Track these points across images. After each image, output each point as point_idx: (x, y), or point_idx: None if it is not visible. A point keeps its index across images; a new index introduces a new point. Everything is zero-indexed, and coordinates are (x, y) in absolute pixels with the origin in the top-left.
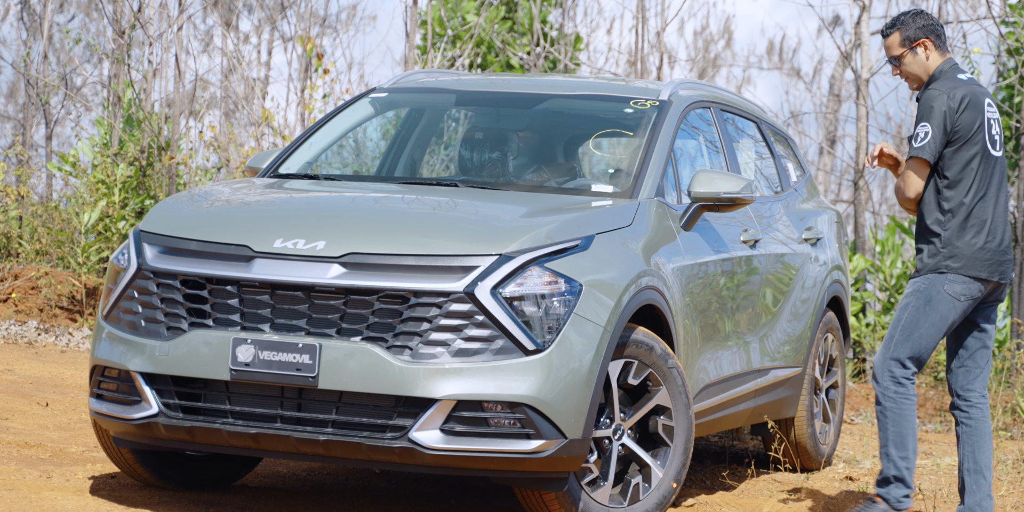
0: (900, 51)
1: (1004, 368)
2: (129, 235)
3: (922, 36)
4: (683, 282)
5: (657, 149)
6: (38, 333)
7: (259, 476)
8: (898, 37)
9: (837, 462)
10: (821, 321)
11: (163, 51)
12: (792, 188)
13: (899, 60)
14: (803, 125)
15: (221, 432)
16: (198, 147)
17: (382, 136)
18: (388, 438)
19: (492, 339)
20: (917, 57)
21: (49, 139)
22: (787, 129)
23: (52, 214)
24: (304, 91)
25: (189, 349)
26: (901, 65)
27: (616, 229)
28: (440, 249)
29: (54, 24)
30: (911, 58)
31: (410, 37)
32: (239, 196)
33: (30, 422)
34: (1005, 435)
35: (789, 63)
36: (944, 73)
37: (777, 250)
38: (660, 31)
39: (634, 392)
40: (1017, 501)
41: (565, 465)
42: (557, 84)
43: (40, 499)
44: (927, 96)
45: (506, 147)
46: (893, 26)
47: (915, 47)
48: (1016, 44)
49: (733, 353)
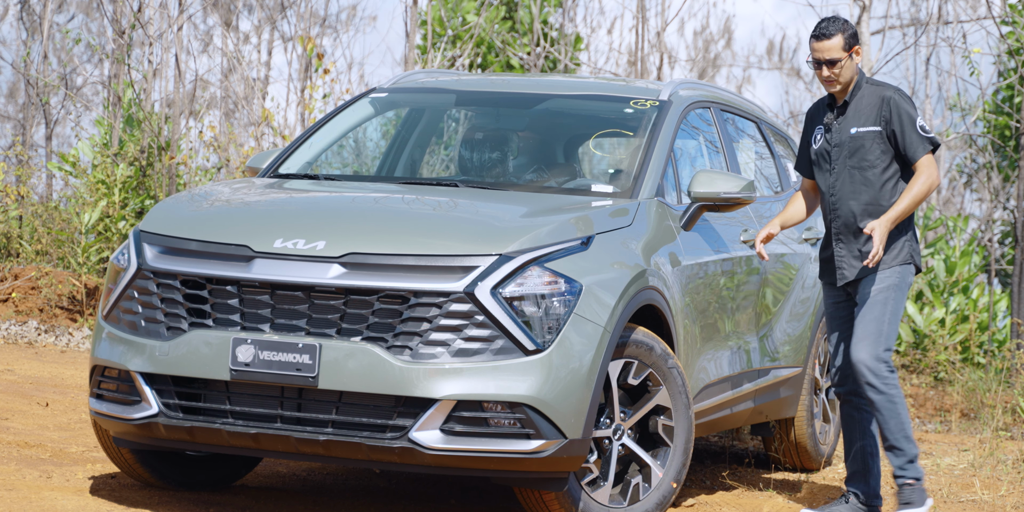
0: (842, 55)
1: (1004, 368)
2: (129, 235)
3: (856, 43)
4: (683, 282)
5: (657, 149)
6: (38, 333)
7: (259, 476)
8: (840, 41)
9: (837, 462)
10: (821, 321)
11: (163, 51)
12: (792, 188)
13: (835, 63)
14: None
15: (221, 432)
16: (198, 147)
17: (382, 136)
18: (388, 438)
19: (492, 339)
20: (852, 61)
21: (49, 139)
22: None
23: (52, 214)
24: (304, 91)
25: (189, 349)
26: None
27: (616, 229)
28: (440, 249)
29: (54, 24)
30: (849, 62)
31: (410, 37)
32: (239, 196)
33: (30, 422)
34: (1005, 435)
35: (789, 63)
36: (865, 76)
37: (777, 250)
38: (660, 31)
39: (634, 392)
40: (1017, 501)
41: (565, 465)
42: (557, 84)
43: (40, 499)
44: (899, 95)
45: (506, 147)
46: (834, 30)
47: (852, 53)
48: (1016, 44)
49: (733, 353)
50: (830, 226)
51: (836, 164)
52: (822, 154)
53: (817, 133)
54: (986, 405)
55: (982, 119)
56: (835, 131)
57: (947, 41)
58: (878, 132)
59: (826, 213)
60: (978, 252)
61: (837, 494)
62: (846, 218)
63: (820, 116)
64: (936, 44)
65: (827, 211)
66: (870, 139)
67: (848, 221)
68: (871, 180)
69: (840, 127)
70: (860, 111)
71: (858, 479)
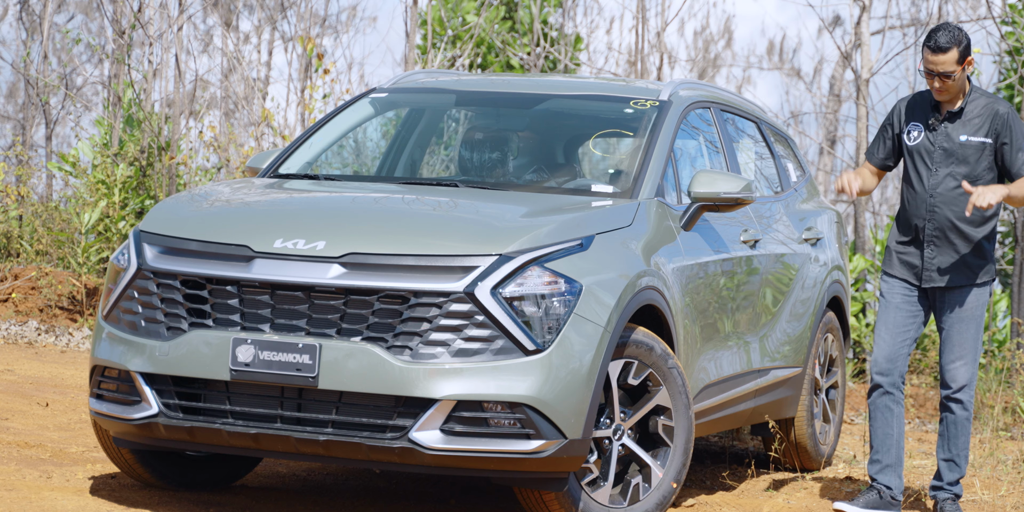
0: (955, 68)
1: (1004, 368)
2: (129, 235)
3: (969, 54)
4: (683, 282)
5: (657, 149)
6: (38, 333)
7: (259, 476)
8: (956, 54)
9: (837, 462)
10: (821, 321)
11: (163, 51)
12: (792, 188)
13: (949, 76)
14: (803, 125)
15: (221, 432)
16: (198, 147)
17: (382, 136)
18: (388, 438)
19: (492, 339)
20: (964, 74)
21: (49, 139)
22: (787, 129)
23: (52, 214)
24: (304, 91)
25: (189, 349)
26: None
27: (616, 229)
28: (440, 249)
29: (54, 24)
30: (961, 75)
31: (410, 37)
32: (239, 196)
33: (30, 422)
34: (1005, 435)
35: (789, 63)
36: (974, 85)
37: (777, 250)
38: (660, 31)
39: (634, 392)
40: (1017, 501)
41: (565, 465)
42: (557, 84)
43: (40, 499)
44: (1012, 112)
45: (506, 147)
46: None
47: (965, 65)
48: (1016, 44)
49: (733, 353)
50: (922, 226)
51: (939, 167)
52: (922, 153)
53: (914, 129)
54: (986, 405)
55: None
56: (941, 134)
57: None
58: (989, 144)
59: (918, 212)
60: None
61: (838, 494)
62: (942, 223)
63: (919, 112)
64: None
65: (920, 210)
66: (979, 150)
67: (944, 226)
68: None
69: (948, 132)
70: (971, 120)
71: (890, 473)
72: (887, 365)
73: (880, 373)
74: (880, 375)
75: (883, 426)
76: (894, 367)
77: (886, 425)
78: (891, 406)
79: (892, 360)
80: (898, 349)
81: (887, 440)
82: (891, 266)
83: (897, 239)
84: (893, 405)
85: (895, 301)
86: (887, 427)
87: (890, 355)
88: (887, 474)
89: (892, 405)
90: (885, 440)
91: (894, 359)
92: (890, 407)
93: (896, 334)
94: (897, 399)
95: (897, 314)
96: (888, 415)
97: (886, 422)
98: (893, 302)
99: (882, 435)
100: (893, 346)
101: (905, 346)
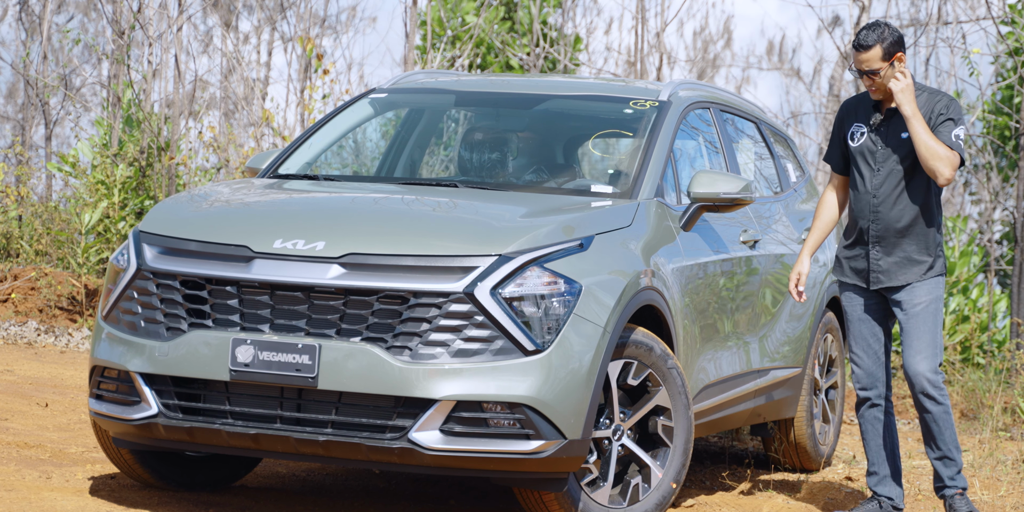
0: (882, 65)
1: (1004, 368)
2: (129, 236)
3: (899, 50)
4: (683, 282)
5: (657, 150)
6: (38, 333)
7: (259, 476)
8: (879, 51)
9: (837, 462)
10: (821, 321)
11: (163, 51)
12: (792, 188)
13: (875, 73)
14: (803, 125)
15: (221, 433)
16: (198, 148)
17: (382, 136)
18: (388, 439)
19: (492, 339)
20: (894, 69)
21: (49, 139)
22: (787, 129)
23: (52, 214)
24: (304, 92)
25: (189, 350)
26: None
27: (616, 229)
28: (440, 250)
29: (53, 24)
30: (890, 71)
31: (410, 37)
32: (239, 196)
33: (30, 422)
34: (1005, 435)
35: (789, 63)
36: (918, 82)
37: (777, 251)
38: (660, 31)
39: (634, 392)
40: (1017, 501)
41: (565, 465)
42: (557, 85)
43: (40, 500)
44: (953, 101)
45: (506, 148)
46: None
47: (894, 61)
48: (1016, 44)
49: (733, 353)
50: (866, 227)
51: (882, 166)
52: (865, 153)
53: (857, 130)
54: (985, 405)
55: (981, 119)
56: (884, 133)
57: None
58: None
59: (862, 214)
60: (977, 252)
61: (838, 494)
62: (888, 223)
63: (861, 112)
64: (935, 45)
65: (864, 211)
66: None
67: (890, 226)
68: (919, 187)
69: (889, 130)
70: None
71: (888, 483)
72: (868, 380)
73: (863, 388)
74: (864, 390)
75: (874, 438)
76: (875, 380)
77: (877, 436)
78: (880, 417)
79: (871, 373)
80: (874, 361)
81: (880, 452)
82: (841, 273)
83: (843, 244)
84: (882, 416)
85: (856, 313)
86: (879, 439)
87: (868, 369)
88: (886, 485)
89: (881, 416)
90: (879, 452)
91: (873, 372)
92: (879, 418)
93: (867, 348)
94: (886, 409)
95: (861, 327)
96: (878, 427)
97: (877, 434)
98: (855, 315)
99: (875, 447)
100: (868, 359)
101: (880, 356)
